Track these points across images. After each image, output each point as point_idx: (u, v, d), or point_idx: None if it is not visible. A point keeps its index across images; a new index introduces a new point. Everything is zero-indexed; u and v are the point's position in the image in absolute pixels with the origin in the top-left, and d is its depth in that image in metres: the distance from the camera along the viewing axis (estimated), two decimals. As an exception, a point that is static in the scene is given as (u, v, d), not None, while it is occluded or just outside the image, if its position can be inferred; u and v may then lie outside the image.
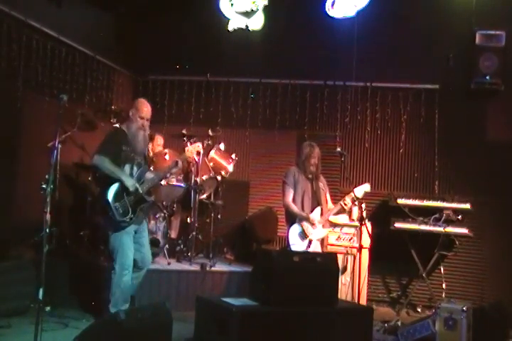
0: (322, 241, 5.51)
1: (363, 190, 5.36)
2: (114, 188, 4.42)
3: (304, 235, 5.31)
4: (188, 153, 4.90)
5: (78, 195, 6.08)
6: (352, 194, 5.30)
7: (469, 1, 6.37)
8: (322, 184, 5.54)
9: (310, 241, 5.31)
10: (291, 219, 5.41)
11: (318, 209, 5.39)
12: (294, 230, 5.34)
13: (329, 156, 6.10)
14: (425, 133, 6.76)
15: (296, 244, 5.29)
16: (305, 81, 7.08)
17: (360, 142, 6.96)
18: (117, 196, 4.41)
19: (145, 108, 4.61)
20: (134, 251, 4.54)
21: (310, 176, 5.48)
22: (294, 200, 5.41)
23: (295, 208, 5.37)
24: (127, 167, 4.51)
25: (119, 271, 4.44)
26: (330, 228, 5.78)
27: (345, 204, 5.35)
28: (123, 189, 4.41)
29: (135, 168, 4.56)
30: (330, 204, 5.58)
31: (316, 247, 5.36)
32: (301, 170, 5.48)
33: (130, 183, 4.42)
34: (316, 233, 5.35)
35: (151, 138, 6.27)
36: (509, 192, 6.32)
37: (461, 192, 6.41)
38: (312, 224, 5.30)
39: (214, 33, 6.98)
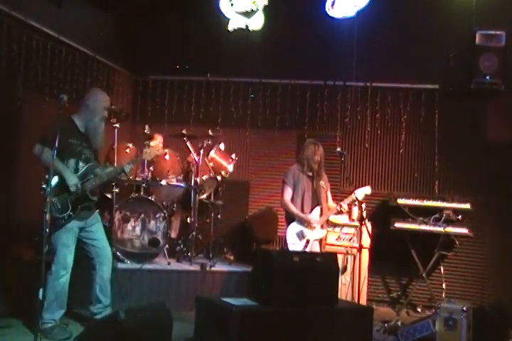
0: (320, 241, 5.51)
1: (363, 192, 5.35)
2: (53, 182, 4.09)
3: (301, 235, 5.32)
4: (145, 155, 4.57)
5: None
6: (353, 195, 5.30)
7: (469, 1, 6.37)
8: (323, 181, 5.53)
9: (308, 241, 5.31)
10: (290, 218, 5.41)
11: (317, 209, 5.39)
12: (292, 229, 5.34)
13: (329, 156, 6.09)
14: (425, 133, 6.77)
15: (294, 244, 5.29)
16: (305, 81, 7.08)
17: (360, 142, 6.96)
18: (56, 190, 4.13)
19: (106, 97, 4.40)
20: (87, 246, 4.40)
21: (310, 174, 5.47)
22: (293, 200, 5.41)
23: (293, 208, 5.37)
24: (72, 162, 4.26)
25: (55, 270, 4.21)
26: (328, 228, 5.79)
27: (341, 211, 5.37)
28: (63, 183, 4.16)
29: (81, 163, 4.29)
30: (330, 202, 5.58)
31: (314, 247, 5.36)
32: (301, 168, 5.47)
33: (72, 182, 4.17)
34: (314, 233, 5.35)
35: (151, 138, 6.27)
36: (509, 192, 6.32)
37: (461, 192, 6.41)
38: (310, 226, 5.31)
39: (214, 33, 6.98)
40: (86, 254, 4.45)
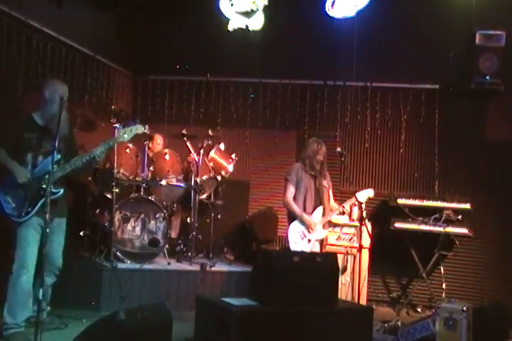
0: (321, 241, 5.49)
1: (365, 195, 5.32)
2: (5, 180, 4.03)
3: (303, 234, 5.31)
4: (119, 137, 4.30)
5: (78, 195, 6.08)
6: (353, 199, 5.27)
7: (469, 1, 6.37)
8: (326, 181, 5.50)
9: (309, 241, 5.30)
10: (292, 216, 5.38)
11: (319, 209, 5.37)
12: (294, 228, 5.33)
13: (329, 156, 6.07)
14: (425, 133, 6.76)
15: (296, 243, 5.28)
16: (305, 81, 7.08)
17: (360, 142, 6.96)
18: (11, 187, 4.02)
19: (62, 86, 4.25)
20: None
21: (313, 173, 5.44)
22: (295, 198, 5.38)
23: (296, 208, 5.34)
24: (29, 156, 4.10)
25: (15, 269, 4.00)
26: (330, 229, 5.76)
27: (343, 213, 5.35)
28: (16, 181, 4.00)
29: (40, 157, 4.11)
30: (332, 202, 5.55)
31: (314, 247, 5.35)
32: (304, 167, 5.44)
33: (21, 174, 4.00)
34: (316, 233, 5.34)
35: (151, 138, 6.27)
36: (509, 192, 6.31)
37: (461, 192, 6.41)
38: (311, 228, 5.29)
39: (214, 33, 6.98)
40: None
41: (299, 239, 5.30)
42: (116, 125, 5.46)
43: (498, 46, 6.38)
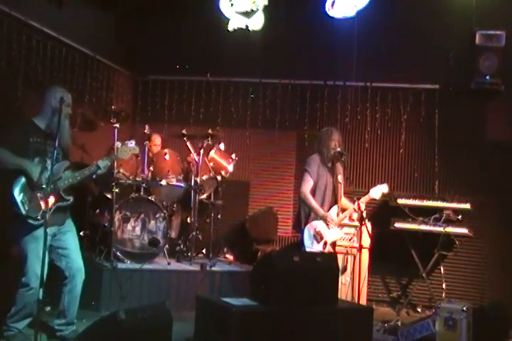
0: (334, 243, 5.33)
1: (380, 191, 5.16)
2: (19, 181, 3.93)
3: (319, 238, 5.12)
4: (119, 153, 4.38)
5: (78, 195, 6.06)
6: (367, 196, 5.16)
7: (469, 1, 6.37)
8: (340, 175, 5.31)
9: (325, 244, 5.12)
10: (304, 218, 5.18)
11: (335, 208, 5.21)
12: (309, 233, 5.14)
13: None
14: (425, 133, 6.77)
15: (311, 248, 5.08)
16: (305, 81, 7.08)
17: (360, 142, 6.96)
18: (25, 190, 3.93)
19: (68, 94, 4.14)
20: (57, 256, 4.11)
21: (330, 165, 5.26)
22: (313, 193, 5.15)
23: (313, 202, 5.10)
24: (37, 160, 4.02)
25: (25, 282, 3.93)
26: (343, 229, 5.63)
27: (358, 208, 5.20)
28: (30, 182, 3.93)
29: (49, 161, 4.01)
30: (344, 200, 5.39)
31: (329, 249, 5.19)
32: (322, 158, 5.21)
33: (36, 172, 3.94)
34: (332, 234, 5.18)
35: (148, 138, 6.26)
36: (509, 192, 6.31)
37: (461, 192, 6.41)
38: (328, 224, 5.12)
39: (214, 33, 6.97)
40: (56, 264, 4.13)
41: (315, 243, 5.11)
42: (116, 125, 5.47)
43: (498, 46, 6.38)
